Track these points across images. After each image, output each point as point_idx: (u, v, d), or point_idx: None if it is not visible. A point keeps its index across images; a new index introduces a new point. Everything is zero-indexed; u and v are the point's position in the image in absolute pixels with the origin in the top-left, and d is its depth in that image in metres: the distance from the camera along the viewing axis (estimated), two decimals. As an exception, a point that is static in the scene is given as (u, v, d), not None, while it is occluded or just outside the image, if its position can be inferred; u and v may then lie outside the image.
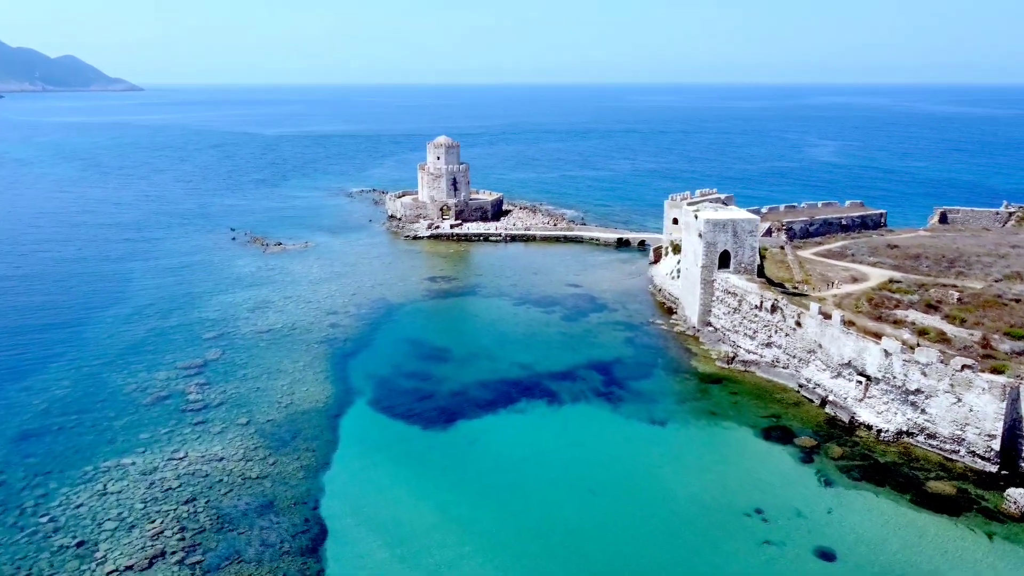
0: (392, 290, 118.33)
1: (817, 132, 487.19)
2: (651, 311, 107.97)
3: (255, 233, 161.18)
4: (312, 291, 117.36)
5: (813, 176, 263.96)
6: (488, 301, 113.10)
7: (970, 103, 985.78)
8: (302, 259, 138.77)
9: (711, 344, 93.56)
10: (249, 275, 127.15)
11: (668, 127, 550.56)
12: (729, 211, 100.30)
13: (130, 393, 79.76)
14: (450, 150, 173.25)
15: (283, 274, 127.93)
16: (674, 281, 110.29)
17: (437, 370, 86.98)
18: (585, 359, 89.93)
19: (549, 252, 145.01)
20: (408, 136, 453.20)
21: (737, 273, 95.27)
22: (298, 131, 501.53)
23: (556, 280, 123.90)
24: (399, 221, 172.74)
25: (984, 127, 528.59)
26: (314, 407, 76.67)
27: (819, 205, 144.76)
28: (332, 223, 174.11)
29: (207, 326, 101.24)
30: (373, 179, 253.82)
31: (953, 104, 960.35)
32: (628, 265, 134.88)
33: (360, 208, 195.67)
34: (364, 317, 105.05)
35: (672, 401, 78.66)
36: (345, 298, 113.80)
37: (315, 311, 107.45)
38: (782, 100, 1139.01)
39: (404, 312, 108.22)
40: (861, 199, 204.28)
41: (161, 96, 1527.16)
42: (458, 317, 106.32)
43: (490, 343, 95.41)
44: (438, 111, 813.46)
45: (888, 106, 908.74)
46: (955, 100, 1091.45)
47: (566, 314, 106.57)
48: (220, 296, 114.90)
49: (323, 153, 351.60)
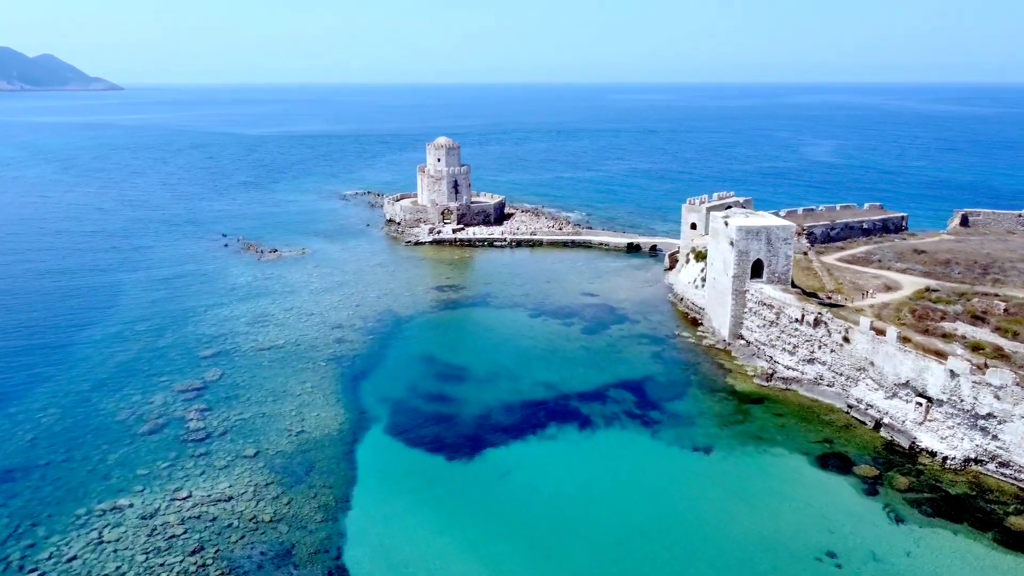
0: (399, 301, 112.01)
1: (810, 131, 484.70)
2: (675, 322, 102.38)
3: (248, 239, 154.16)
4: (314, 303, 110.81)
5: (814, 177, 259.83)
6: (501, 313, 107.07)
7: (959, 102, 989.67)
8: (300, 267, 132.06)
9: (745, 359, 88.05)
10: (245, 285, 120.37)
11: (657, 126, 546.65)
12: (761, 217, 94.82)
13: (124, 421, 73.07)
14: (451, 152, 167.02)
15: (281, 284, 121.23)
16: (698, 290, 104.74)
17: (456, 391, 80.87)
18: (613, 377, 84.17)
19: (558, 258, 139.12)
20: (396, 136, 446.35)
21: (771, 283, 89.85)
22: (283, 131, 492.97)
23: (570, 289, 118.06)
24: (398, 225, 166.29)
25: (976, 126, 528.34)
26: (327, 435, 70.35)
27: (837, 208, 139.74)
28: (328, 228, 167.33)
29: (204, 343, 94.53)
30: (366, 181, 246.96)
31: (943, 103, 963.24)
32: (643, 272, 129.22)
33: (356, 212, 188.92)
34: (372, 331, 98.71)
35: (713, 424, 73.00)
36: (349, 310, 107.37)
37: (319, 325, 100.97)
38: (770, 99, 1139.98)
39: (414, 325, 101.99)
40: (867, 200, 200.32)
41: (142, 96, 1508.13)
42: (472, 331, 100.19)
43: (509, 360, 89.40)
44: (425, 111, 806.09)
45: (878, 105, 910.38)
46: (945, 99, 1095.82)
47: (586, 326, 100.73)
48: (216, 309, 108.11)
49: (311, 154, 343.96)
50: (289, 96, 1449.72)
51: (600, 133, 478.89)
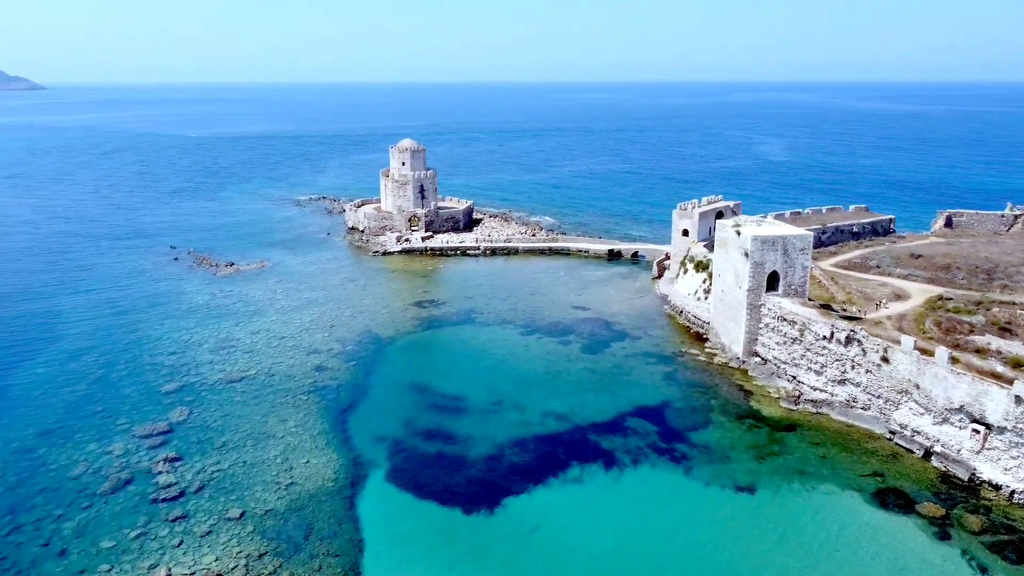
0: (376, 319, 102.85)
1: (757, 129, 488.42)
2: (678, 337, 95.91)
3: (200, 252, 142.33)
4: (283, 324, 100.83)
5: (772, 176, 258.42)
6: (491, 331, 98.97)
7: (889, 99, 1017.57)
8: (261, 283, 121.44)
9: (764, 379, 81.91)
10: (204, 305, 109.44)
11: (604, 126, 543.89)
12: (776, 226, 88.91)
13: (80, 477, 62.71)
14: (416, 155, 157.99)
15: (243, 303, 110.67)
16: (700, 303, 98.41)
17: (458, 426, 72.53)
18: (627, 403, 77.06)
19: (537, 267, 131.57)
20: (340, 137, 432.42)
21: (787, 296, 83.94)
22: (221, 132, 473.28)
23: (559, 301, 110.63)
24: (362, 233, 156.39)
25: (912, 123, 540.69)
26: (322, 487, 61.33)
27: (824, 211, 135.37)
28: (286, 238, 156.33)
29: (164, 375, 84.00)
30: (319, 185, 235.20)
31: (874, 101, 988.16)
32: (630, 281, 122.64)
33: (313, 219, 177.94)
34: (352, 356, 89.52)
35: (749, 457, 66.40)
36: (324, 332, 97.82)
37: (292, 350, 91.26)
38: (711, 97, 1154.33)
39: (397, 348, 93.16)
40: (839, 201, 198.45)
41: (67, 95, 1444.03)
42: (462, 353, 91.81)
43: (510, 386, 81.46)
44: (365, 111, 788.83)
45: (816, 102, 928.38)
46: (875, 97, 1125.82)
47: (585, 344, 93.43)
48: (174, 334, 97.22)
49: (255, 156, 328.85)
50: (224, 96, 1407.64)
51: (547, 133, 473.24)
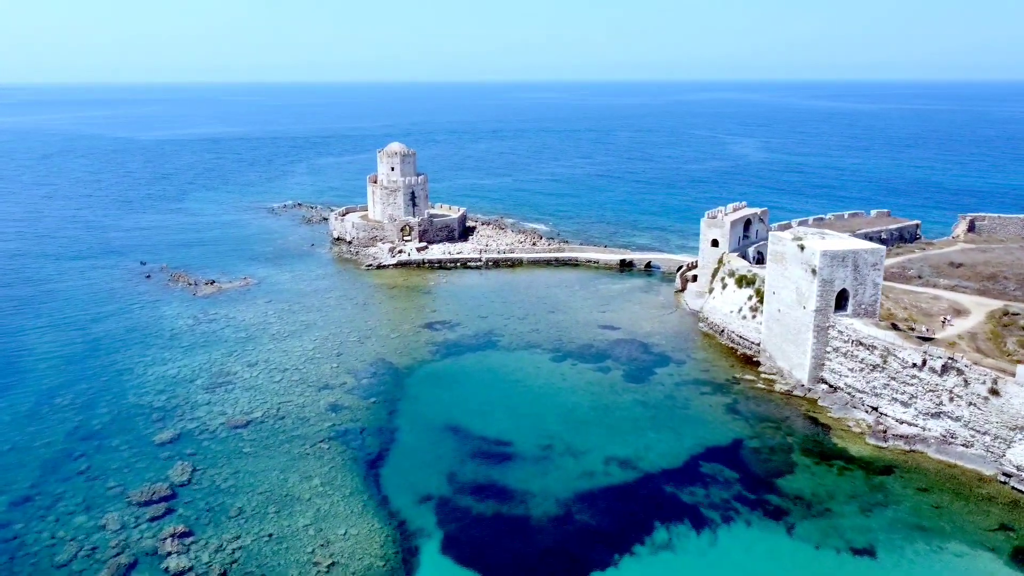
0: (387, 346, 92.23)
1: (725, 129, 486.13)
2: (725, 361, 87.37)
3: (174, 268, 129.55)
4: (282, 353, 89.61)
5: (758, 176, 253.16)
6: (518, 357, 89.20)
7: (834, 98, 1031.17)
8: (249, 303, 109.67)
9: (839, 410, 73.69)
10: (188, 331, 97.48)
11: (563, 126, 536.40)
12: (841, 239, 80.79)
13: (70, 564, 51.31)
14: (406, 159, 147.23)
15: (232, 327, 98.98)
16: (746, 322, 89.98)
17: (511, 478, 62.69)
18: (696, 443, 68.11)
19: (548, 280, 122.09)
20: (303, 139, 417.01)
21: (857, 316, 75.86)
22: (175, 135, 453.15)
23: (583, 320, 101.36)
24: (350, 245, 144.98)
25: (870, 121, 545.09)
26: (370, 568, 50.99)
27: (846, 216, 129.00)
28: (267, 250, 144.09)
29: (155, 421, 72.39)
30: (292, 191, 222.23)
31: (822, 99, 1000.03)
32: (652, 295, 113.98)
33: (292, 228, 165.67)
34: (369, 391, 78.96)
35: (854, 510, 57.92)
36: (330, 361, 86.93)
37: (300, 386, 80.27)
38: (667, 96, 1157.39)
39: (418, 380, 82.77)
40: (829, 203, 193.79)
41: (7, 95, 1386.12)
42: (493, 384, 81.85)
43: (558, 425, 71.83)
44: (322, 111, 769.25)
45: (767, 102, 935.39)
46: (822, 96, 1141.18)
47: (627, 371, 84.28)
48: (159, 367, 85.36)
49: (218, 160, 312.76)
50: (171, 96, 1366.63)
51: (506, 134, 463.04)
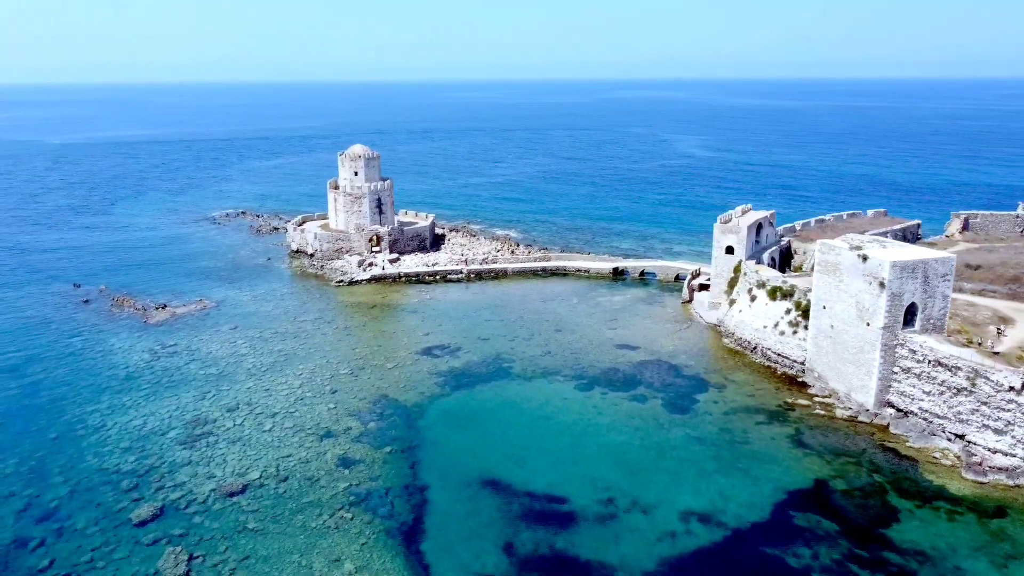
0: (386, 378, 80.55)
1: (661, 127, 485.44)
2: (766, 382, 79.22)
3: (116, 290, 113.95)
4: (266, 393, 76.89)
5: (715, 176, 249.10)
6: (537, 387, 78.99)
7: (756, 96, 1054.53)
8: (211, 331, 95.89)
9: (917, 438, 66.16)
10: (146, 368, 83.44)
11: (494, 125, 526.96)
12: (904, 248, 73.44)
13: None
14: (370, 163, 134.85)
15: (199, 362, 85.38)
16: (785, 338, 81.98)
17: (580, 546, 52.58)
18: (775, 488, 59.49)
19: (541, 293, 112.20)
20: (230, 141, 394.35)
21: (926, 332, 68.58)
22: (92, 137, 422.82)
23: (595, 339, 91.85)
24: (312, 258, 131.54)
25: (803, 119, 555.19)
26: None
27: (845, 216, 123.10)
28: (218, 265, 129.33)
29: (127, 490, 59.24)
30: (232, 197, 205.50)
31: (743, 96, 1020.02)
32: (657, 307, 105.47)
33: (241, 240, 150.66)
34: (381, 438, 67.40)
35: (987, 565, 50.57)
36: (326, 402, 74.79)
37: (296, 434, 68.02)
38: (595, 95, 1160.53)
39: (433, 421, 71.56)
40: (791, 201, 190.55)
41: None
42: (521, 423, 71.39)
43: (612, 472, 62.06)
44: (252, 112, 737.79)
45: (690, 100, 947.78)
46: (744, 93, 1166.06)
47: (665, 399, 75.15)
48: (118, 417, 71.56)
49: (141, 164, 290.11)
50: (82, 97, 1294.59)
51: (449, 134, 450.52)
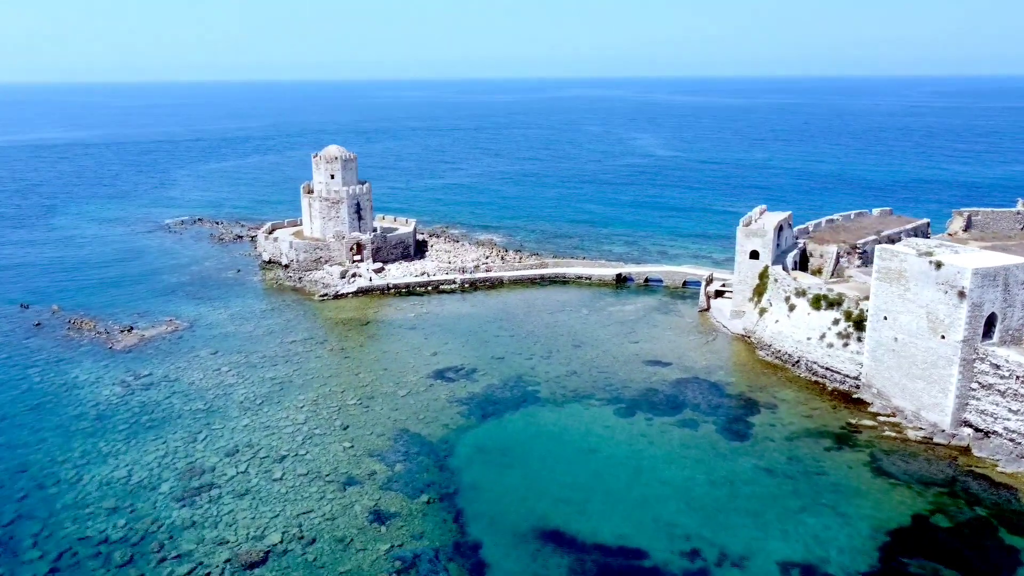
0: (401, 409, 71.54)
1: (615, 124, 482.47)
2: (819, 400, 73.10)
3: (70, 310, 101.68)
4: (265, 430, 67.12)
5: (685, 174, 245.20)
6: (572, 413, 71.25)
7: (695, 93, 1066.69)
8: (189, 356, 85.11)
9: (1007, 462, 60.71)
10: (120, 404, 72.55)
11: (447, 123, 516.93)
12: (978, 253, 67.84)
13: None
14: (347, 164, 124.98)
15: (182, 395, 74.85)
16: (833, 351, 75.84)
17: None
18: (875, 528, 53.18)
19: (545, 303, 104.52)
20: (169, 143, 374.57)
21: (1004, 345, 63.03)
22: (11, 141, 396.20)
23: (619, 354, 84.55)
24: (287, 269, 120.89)
25: (750, 117, 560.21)
26: None
27: (852, 216, 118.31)
28: (183, 280, 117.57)
29: (120, 565, 49.46)
30: (182, 202, 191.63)
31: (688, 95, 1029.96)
32: (673, 316, 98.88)
33: (202, 250, 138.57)
34: (412, 484, 58.62)
35: None
36: (338, 440, 65.47)
37: (313, 483, 58.65)
38: (535, 93, 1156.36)
39: (466, 459, 63.09)
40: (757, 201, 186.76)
41: None
42: (564, 456, 63.60)
43: (685, 516, 54.83)
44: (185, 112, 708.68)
45: (634, 98, 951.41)
46: (685, 91, 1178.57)
47: (717, 424, 68.33)
48: (96, 468, 60.94)
49: (79, 169, 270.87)
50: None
51: (392, 134, 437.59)
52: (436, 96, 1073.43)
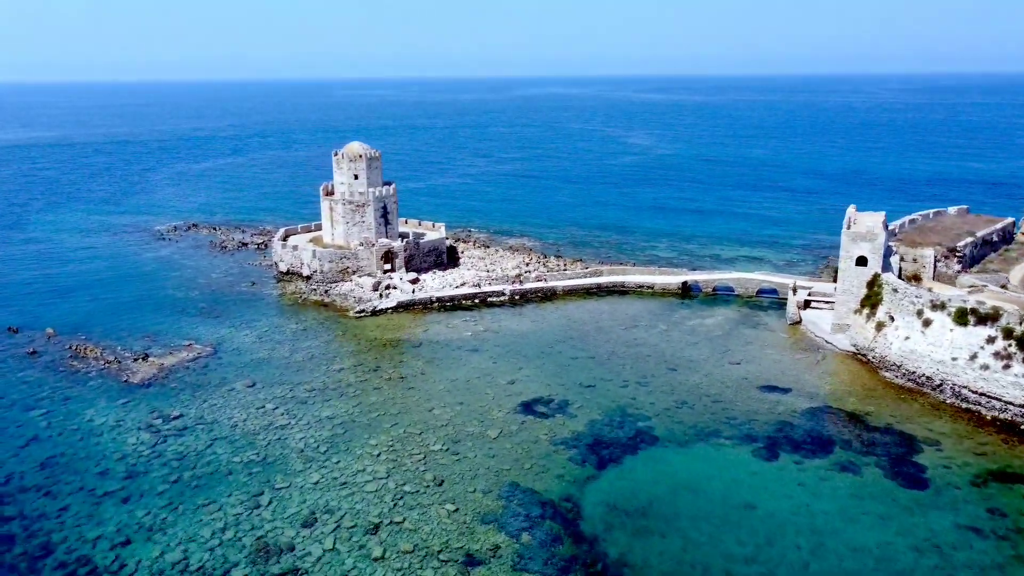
0: (500, 456, 59.62)
1: (597, 122, 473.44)
2: (983, 434, 62.89)
3: (68, 334, 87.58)
4: (342, 488, 54.89)
5: (695, 171, 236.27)
6: (701, 456, 60.17)
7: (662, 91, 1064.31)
8: (222, 390, 72.05)
9: None
10: (152, 458, 59.40)
11: (424, 123, 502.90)
12: None
13: None
14: (372, 163, 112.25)
15: (225, 442, 61.92)
16: (990, 374, 65.65)
17: None
18: None
19: (612, 316, 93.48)
20: (136, 143, 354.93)
21: None
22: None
23: (725, 379, 73.60)
24: (308, 280, 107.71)
25: (736, 112, 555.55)
26: None
27: (931, 215, 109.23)
28: (192, 295, 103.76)
29: None
30: (170, 207, 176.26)
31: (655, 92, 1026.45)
32: (765, 330, 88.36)
33: (206, 259, 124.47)
34: (550, 561, 47.34)
35: None
36: (435, 497, 53.55)
37: (426, 562, 46.94)
38: (501, 92, 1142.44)
39: (601, 523, 51.67)
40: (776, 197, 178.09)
41: None
42: (721, 517, 52.34)
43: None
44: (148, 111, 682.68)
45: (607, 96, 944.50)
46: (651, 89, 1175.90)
47: (882, 467, 58.03)
48: (140, 550, 48.29)
49: (45, 171, 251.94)
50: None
51: (380, 132, 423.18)
52: (400, 95, 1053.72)
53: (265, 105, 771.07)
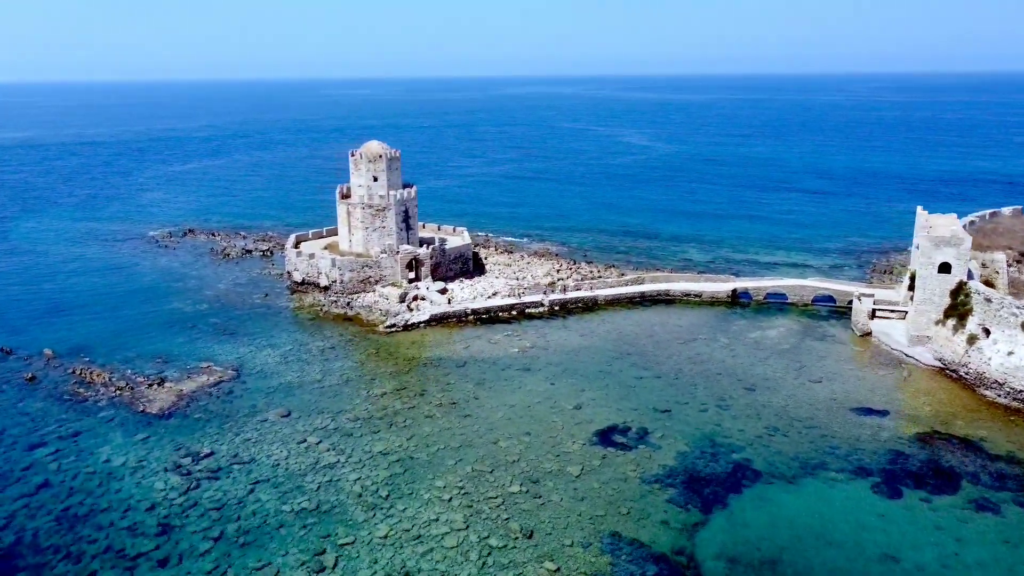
0: (592, 500, 52.33)
1: (587, 121, 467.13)
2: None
3: (68, 356, 78.75)
4: (416, 543, 47.37)
5: (700, 171, 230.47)
6: (815, 494, 53.27)
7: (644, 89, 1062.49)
8: (254, 420, 63.93)
9: None
10: (187, 507, 51.33)
11: (410, 122, 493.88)
12: None
13: None
14: (392, 164, 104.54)
15: (268, 485, 53.89)
16: (1117, 394, 58.92)
17: None
18: None
19: (665, 327, 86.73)
20: (115, 144, 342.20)
21: None
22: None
23: (811, 400, 66.93)
24: (326, 291, 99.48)
25: (726, 110, 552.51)
26: None
27: (987, 216, 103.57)
28: (200, 308, 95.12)
29: None
30: (161, 211, 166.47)
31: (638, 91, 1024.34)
32: (834, 343, 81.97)
33: (209, 268, 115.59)
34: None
35: None
36: (527, 552, 46.60)
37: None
38: (488, 91, 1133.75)
39: None
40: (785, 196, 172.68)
41: None
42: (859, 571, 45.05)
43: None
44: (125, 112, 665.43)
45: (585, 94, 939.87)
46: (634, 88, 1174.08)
47: (1021, 503, 50.33)
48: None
49: (18, 174, 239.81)
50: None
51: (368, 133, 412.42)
52: (382, 94, 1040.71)
53: (243, 107, 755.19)
